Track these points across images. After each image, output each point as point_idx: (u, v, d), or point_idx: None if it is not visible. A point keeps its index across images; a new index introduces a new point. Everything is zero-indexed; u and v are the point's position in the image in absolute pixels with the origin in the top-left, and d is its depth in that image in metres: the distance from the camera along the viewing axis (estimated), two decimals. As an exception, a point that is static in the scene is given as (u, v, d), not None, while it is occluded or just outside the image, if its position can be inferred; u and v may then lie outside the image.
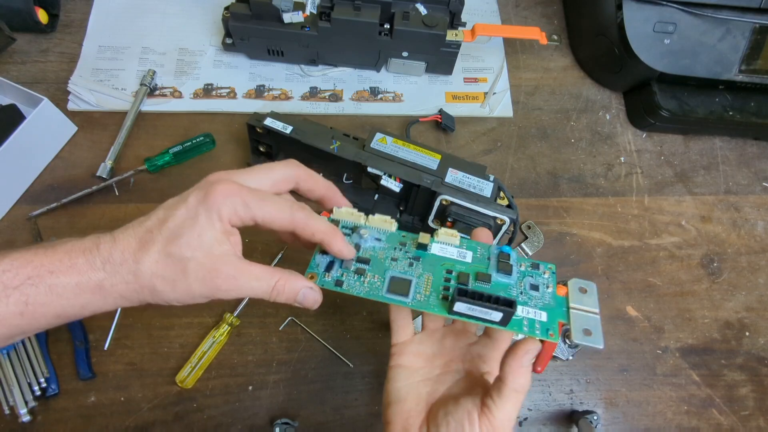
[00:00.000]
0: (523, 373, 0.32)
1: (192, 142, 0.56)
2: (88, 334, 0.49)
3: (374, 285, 0.35)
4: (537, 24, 0.70)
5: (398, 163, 0.50)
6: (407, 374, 0.36)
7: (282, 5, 0.56)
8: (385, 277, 0.35)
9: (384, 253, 0.37)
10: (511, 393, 0.32)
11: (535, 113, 0.66)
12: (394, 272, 0.35)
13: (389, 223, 0.38)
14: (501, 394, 0.32)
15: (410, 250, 0.37)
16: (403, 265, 0.36)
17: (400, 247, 0.37)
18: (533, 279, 0.35)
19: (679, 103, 0.63)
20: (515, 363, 0.32)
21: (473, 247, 0.37)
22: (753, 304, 0.58)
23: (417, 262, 0.36)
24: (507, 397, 0.32)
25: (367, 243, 0.37)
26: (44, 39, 0.63)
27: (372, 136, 0.51)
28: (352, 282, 0.35)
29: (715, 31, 0.59)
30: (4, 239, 0.53)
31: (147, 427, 0.47)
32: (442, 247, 0.37)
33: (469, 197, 0.47)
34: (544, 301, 0.34)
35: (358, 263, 0.36)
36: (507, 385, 0.32)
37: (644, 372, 0.54)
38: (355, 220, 0.38)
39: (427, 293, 0.34)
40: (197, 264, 0.30)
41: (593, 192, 0.62)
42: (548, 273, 0.36)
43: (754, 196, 0.64)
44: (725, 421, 0.53)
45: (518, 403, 0.32)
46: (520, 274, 0.36)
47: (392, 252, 0.37)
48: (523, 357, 0.32)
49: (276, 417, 0.48)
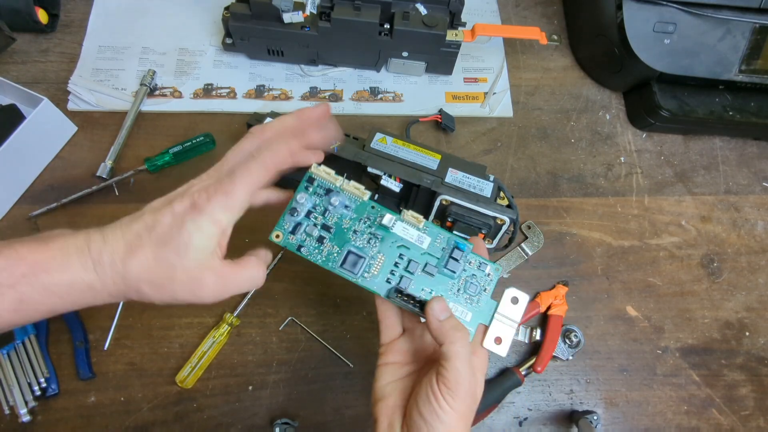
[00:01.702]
0: (445, 325, 0.34)
1: (192, 142, 0.56)
2: (88, 334, 0.49)
3: (331, 255, 0.37)
4: (537, 24, 0.70)
5: (398, 163, 0.50)
6: (392, 372, 0.37)
7: (282, 5, 0.56)
8: (343, 249, 0.38)
9: (349, 222, 0.38)
10: (449, 347, 0.33)
11: (535, 113, 0.66)
12: (352, 246, 0.38)
13: (362, 193, 0.39)
14: (442, 353, 0.33)
15: (373, 225, 0.39)
16: (362, 240, 0.38)
17: (366, 219, 0.39)
18: (474, 280, 0.38)
19: (679, 103, 0.63)
20: (432, 322, 0.34)
21: (434, 234, 0.39)
22: (753, 304, 0.58)
23: (376, 239, 0.39)
24: (448, 352, 0.33)
25: (336, 209, 0.39)
26: (44, 39, 0.63)
27: (372, 136, 0.51)
28: (311, 249, 0.38)
29: (715, 31, 0.59)
30: (4, 239, 0.52)
31: (147, 427, 0.47)
32: (404, 228, 0.39)
33: (469, 197, 0.47)
34: (475, 302, 0.38)
35: (321, 230, 0.38)
36: (441, 342, 0.34)
37: (644, 372, 0.54)
38: (331, 181, 0.39)
39: (375, 273, 0.37)
40: (183, 271, 0.31)
41: (593, 192, 0.62)
42: (491, 276, 0.38)
43: (754, 196, 0.64)
44: (725, 421, 0.53)
45: (462, 355, 0.33)
46: (464, 272, 0.38)
47: (357, 223, 0.39)
48: (433, 314, 0.34)
49: (276, 417, 0.48)
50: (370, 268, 0.38)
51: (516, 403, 0.51)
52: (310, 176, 0.39)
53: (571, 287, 0.56)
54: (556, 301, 0.54)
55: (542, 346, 0.52)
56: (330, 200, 0.39)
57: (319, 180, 0.39)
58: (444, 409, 0.32)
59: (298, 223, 0.38)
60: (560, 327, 0.53)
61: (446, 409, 0.32)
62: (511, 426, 0.51)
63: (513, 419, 0.51)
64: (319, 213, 0.39)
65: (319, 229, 0.38)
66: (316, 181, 0.39)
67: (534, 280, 0.56)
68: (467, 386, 0.33)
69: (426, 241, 0.39)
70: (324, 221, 0.38)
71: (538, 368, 0.50)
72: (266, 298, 0.52)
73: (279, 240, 0.38)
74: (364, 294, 0.38)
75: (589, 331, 0.54)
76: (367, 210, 0.39)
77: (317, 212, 0.39)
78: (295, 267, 0.54)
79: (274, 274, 0.53)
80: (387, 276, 0.38)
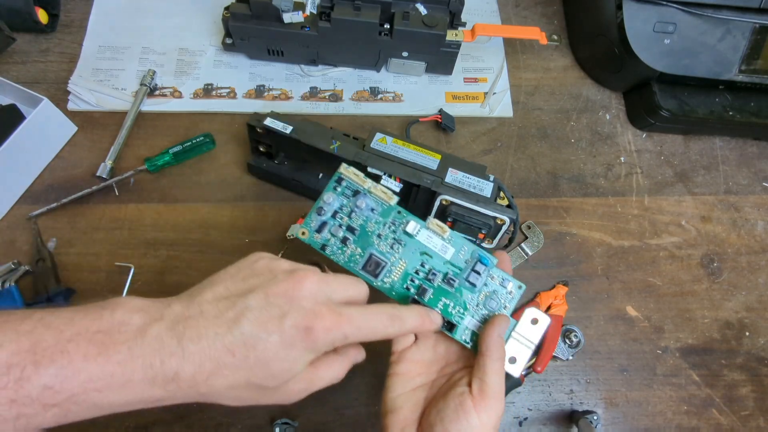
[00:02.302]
0: (500, 343, 0.35)
1: (192, 142, 0.56)
2: (88, 334, 0.49)
3: (354, 257, 0.38)
4: (537, 24, 0.70)
5: (398, 163, 0.50)
6: (404, 382, 0.37)
7: (282, 5, 0.56)
8: (365, 253, 0.38)
9: (374, 226, 0.38)
10: (494, 363, 0.34)
11: (535, 113, 0.66)
12: (374, 250, 0.38)
13: (389, 197, 0.39)
14: (484, 367, 0.34)
15: (398, 230, 0.38)
16: (385, 245, 0.38)
17: (391, 224, 0.39)
18: (495, 297, 0.38)
19: (679, 103, 0.63)
20: (492, 335, 0.35)
21: (459, 245, 0.39)
22: (753, 304, 0.58)
23: (399, 245, 0.38)
24: (491, 368, 0.34)
25: (362, 211, 0.39)
26: (44, 39, 0.63)
27: (372, 136, 0.51)
28: (335, 249, 0.38)
29: (715, 31, 0.59)
30: (4, 239, 0.53)
31: (147, 427, 0.47)
32: (429, 236, 0.39)
33: (469, 197, 0.47)
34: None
35: (346, 231, 0.38)
36: (488, 356, 0.34)
37: (644, 372, 0.54)
38: (360, 183, 0.39)
39: (395, 279, 0.37)
40: (274, 390, 0.29)
41: (593, 192, 0.62)
42: (514, 293, 0.38)
43: (754, 196, 0.64)
44: (725, 421, 0.53)
45: (501, 373, 0.34)
46: (487, 286, 0.38)
47: (381, 227, 0.38)
48: (498, 328, 0.35)
49: (276, 417, 0.48)
50: (391, 273, 0.38)
51: (516, 403, 0.51)
52: (339, 176, 0.39)
53: (571, 287, 0.56)
54: (556, 301, 0.54)
55: (542, 346, 0.52)
56: (357, 202, 0.39)
57: (348, 181, 0.39)
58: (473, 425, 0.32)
59: (324, 222, 0.38)
60: (560, 327, 0.53)
61: (475, 424, 0.32)
62: (511, 426, 0.51)
63: (513, 419, 0.51)
64: (345, 214, 0.39)
65: (344, 230, 0.38)
66: (344, 181, 0.39)
67: (534, 280, 0.56)
68: (500, 404, 0.33)
69: (449, 252, 0.39)
70: (349, 222, 0.38)
71: (538, 368, 0.50)
72: (266, 298, 0.52)
73: (305, 237, 0.37)
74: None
75: (589, 331, 0.54)
76: (392, 215, 0.39)
77: (343, 213, 0.39)
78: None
79: (274, 274, 0.53)
80: (407, 283, 0.37)
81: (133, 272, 0.52)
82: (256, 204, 0.57)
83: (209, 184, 0.57)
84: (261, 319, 0.27)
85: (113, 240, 0.53)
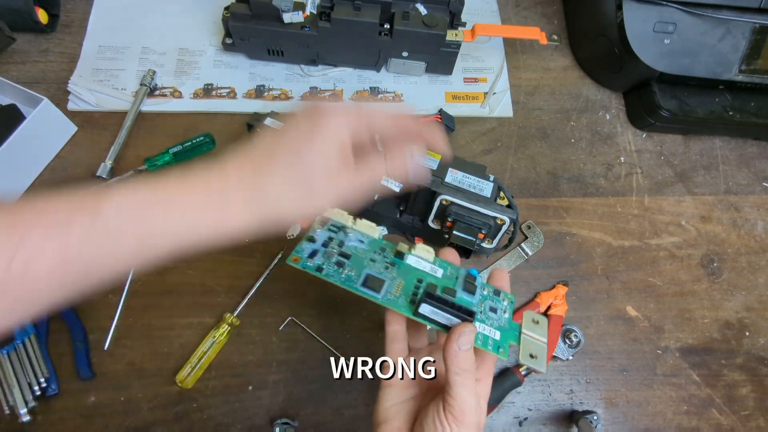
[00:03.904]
0: (461, 356, 0.33)
1: (192, 142, 0.56)
2: (88, 334, 0.49)
3: (351, 277, 0.38)
4: (537, 24, 0.70)
5: None
6: (396, 393, 0.37)
7: (282, 5, 0.56)
8: (362, 273, 0.38)
9: (364, 254, 0.40)
10: (455, 377, 0.33)
11: (535, 113, 0.66)
12: (371, 271, 0.38)
13: (373, 230, 0.41)
14: (449, 382, 0.33)
15: (388, 256, 0.40)
16: (379, 267, 0.39)
17: (380, 252, 0.40)
18: (493, 303, 0.39)
19: (679, 103, 0.63)
20: (451, 347, 0.33)
21: (444, 266, 0.40)
22: (753, 304, 0.58)
23: (393, 267, 0.39)
24: (454, 382, 0.32)
25: (351, 242, 0.40)
26: (44, 39, 0.63)
27: None
28: (330, 271, 0.38)
29: (715, 31, 0.59)
30: (4, 239, 0.53)
31: (147, 427, 0.47)
32: (417, 260, 0.40)
33: (469, 197, 0.47)
34: (500, 323, 0.38)
35: (339, 257, 0.39)
36: (450, 370, 0.33)
37: (644, 372, 0.54)
38: (344, 220, 0.41)
39: (397, 294, 0.38)
40: (320, 176, 0.31)
41: (593, 192, 0.62)
42: (507, 301, 0.39)
43: (754, 196, 0.64)
44: (725, 421, 0.53)
45: (468, 386, 0.33)
46: (482, 296, 0.39)
47: (372, 254, 0.40)
48: (457, 341, 0.33)
49: (276, 417, 0.48)
50: (392, 289, 0.38)
51: (516, 403, 0.51)
52: (322, 217, 0.41)
53: (571, 287, 0.56)
54: (556, 301, 0.54)
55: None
56: (346, 234, 0.41)
57: (333, 220, 0.41)
58: None
59: (315, 249, 0.39)
60: (560, 327, 0.53)
61: None
62: (511, 426, 0.51)
63: (513, 419, 0.51)
64: (335, 244, 0.40)
65: (337, 256, 0.39)
66: (329, 221, 0.41)
67: (534, 280, 0.56)
68: (473, 416, 0.32)
69: (439, 272, 0.40)
70: (341, 250, 0.40)
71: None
72: (266, 298, 0.52)
73: (297, 264, 0.38)
74: (364, 294, 0.38)
75: (589, 331, 0.54)
76: (380, 245, 0.41)
77: (333, 243, 0.40)
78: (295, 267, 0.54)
79: (274, 274, 0.53)
80: (410, 297, 0.37)
81: (133, 272, 0.52)
82: (256, 204, 0.57)
83: (209, 184, 0.57)
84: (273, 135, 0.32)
85: (113, 240, 0.53)
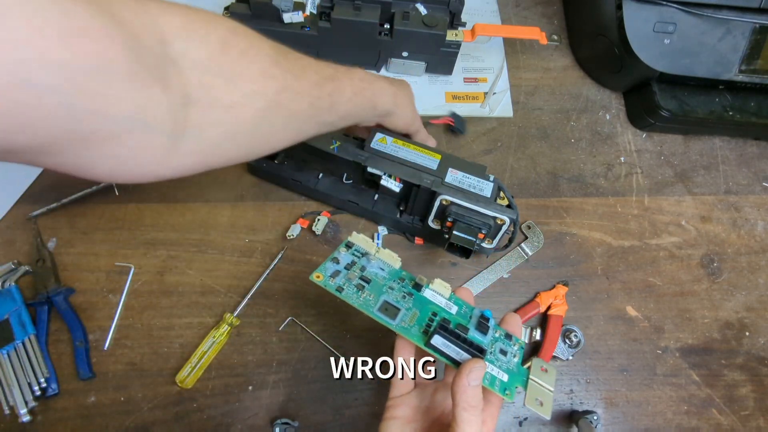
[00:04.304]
0: (470, 391, 0.33)
1: (192, 142, 0.56)
2: (88, 334, 0.49)
3: (368, 301, 0.39)
4: (537, 24, 0.70)
5: (398, 163, 0.50)
6: (398, 427, 0.37)
7: (282, 5, 0.56)
8: (379, 299, 0.39)
9: (383, 281, 0.41)
10: (462, 413, 0.32)
11: (535, 113, 0.66)
12: (388, 298, 0.39)
13: (395, 260, 0.43)
14: (456, 418, 0.32)
15: (406, 286, 0.41)
16: (396, 295, 0.40)
17: (399, 282, 0.41)
18: (504, 346, 0.39)
19: (679, 103, 0.63)
20: (461, 382, 0.33)
21: (459, 303, 0.41)
22: (753, 304, 0.58)
23: (409, 298, 0.40)
24: (461, 418, 0.32)
25: (372, 268, 0.42)
26: (44, 39, 0.63)
27: (372, 136, 0.51)
28: (350, 293, 0.39)
29: (715, 31, 0.59)
30: (4, 239, 0.53)
31: (147, 427, 0.47)
32: (433, 294, 0.41)
33: (469, 197, 0.47)
34: (509, 366, 0.38)
35: (360, 280, 0.40)
36: (458, 405, 0.32)
37: (644, 372, 0.54)
38: (368, 247, 0.43)
39: (411, 323, 0.38)
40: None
41: (593, 192, 0.62)
42: (517, 346, 0.40)
43: (754, 196, 0.64)
44: (725, 421, 0.53)
45: (475, 423, 0.32)
46: (494, 338, 0.39)
47: (391, 282, 0.41)
48: (468, 376, 0.33)
49: (276, 417, 0.48)
50: (406, 318, 0.38)
51: (516, 403, 0.51)
52: (348, 242, 0.43)
53: (571, 287, 0.56)
54: (556, 301, 0.54)
55: (542, 346, 0.52)
56: (368, 261, 0.42)
57: (357, 246, 0.43)
58: None
59: (338, 270, 0.40)
60: (560, 327, 0.53)
61: None
62: (511, 426, 0.51)
63: (513, 419, 0.51)
64: (357, 268, 0.41)
65: (358, 279, 0.40)
66: (354, 246, 0.43)
67: (534, 280, 0.56)
68: None
69: (454, 308, 0.40)
70: (362, 274, 0.40)
71: (538, 368, 0.50)
72: (266, 298, 0.52)
73: (319, 281, 0.39)
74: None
75: (589, 331, 0.54)
76: (399, 275, 0.42)
77: (356, 267, 0.41)
78: (295, 267, 0.54)
79: (274, 274, 0.53)
80: (423, 328, 0.38)
81: (133, 272, 0.52)
82: (255, 204, 0.57)
83: (209, 183, 0.57)
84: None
85: (113, 240, 0.53)
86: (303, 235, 0.55)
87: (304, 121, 0.39)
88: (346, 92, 0.41)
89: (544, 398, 0.36)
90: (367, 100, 0.44)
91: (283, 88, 0.35)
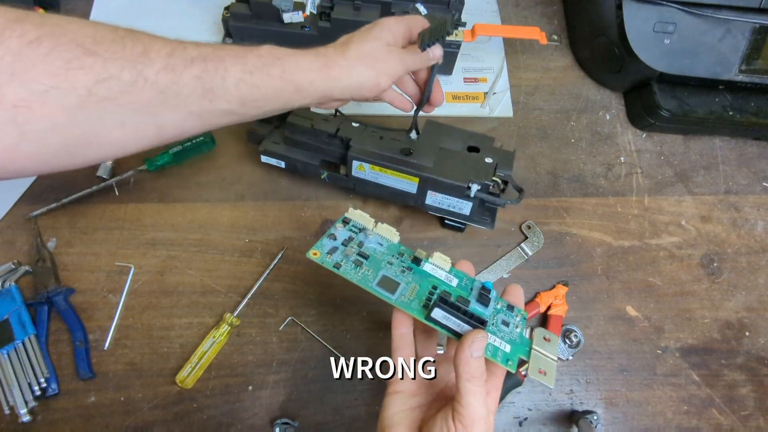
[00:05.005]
0: (473, 362, 0.33)
1: (192, 141, 0.56)
2: (88, 334, 0.49)
3: (367, 276, 0.38)
4: (537, 24, 0.70)
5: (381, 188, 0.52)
6: (402, 400, 0.37)
7: (282, 5, 0.56)
8: (378, 274, 0.39)
9: (382, 257, 0.40)
10: (465, 384, 0.32)
11: (535, 113, 0.66)
12: (387, 272, 0.39)
13: (393, 234, 0.42)
14: (459, 389, 0.32)
15: (405, 261, 0.41)
16: (396, 270, 0.39)
17: (398, 256, 0.41)
18: (506, 317, 0.39)
19: (679, 103, 0.63)
20: (463, 354, 0.33)
21: (460, 276, 0.41)
22: (753, 304, 0.58)
23: (408, 272, 0.40)
24: (465, 389, 0.32)
25: (370, 243, 0.41)
26: (44, 39, 0.63)
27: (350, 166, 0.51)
28: (348, 269, 0.39)
29: (715, 31, 0.59)
30: (4, 239, 0.53)
31: (147, 427, 0.47)
32: (433, 268, 0.41)
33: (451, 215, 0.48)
34: (511, 336, 0.38)
35: (357, 256, 0.39)
36: (461, 377, 0.32)
37: (644, 372, 0.54)
38: (366, 223, 0.43)
39: (411, 297, 0.37)
40: (379, 53, 0.42)
41: (593, 192, 0.62)
42: (519, 317, 0.40)
43: (754, 196, 0.64)
44: (725, 421, 0.53)
45: (479, 394, 0.32)
46: (496, 310, 0.39)
47: (389, 257, 0.41)
48: (470, 347, 0.33)
49: (276, 417, 0.48)
50: (406, 292, 0.38)
51: (516, 403, 0.51)
52: (345, 218, 0.43)
53: (571, 287, 0.56)
54: (556, 301, 0.54)
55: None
56: (366, 236, 0.41)
57: (354, 221, 0.43)
58: None
59: (335, 247, 0.40)
60: (560, 327, 0.53)
61: None
62: (511, 426, 0.51)
63: (513, 419, 0.51)
64: (355, 244, 0.41)
65: (356, 255, 0.40)
66: (351, 221, 0.42)
67: (534, 280, 0.56)
68: (482, 425, 0.32)
69: (454, 281, 0.40)
70: (360, 250, 0.40)
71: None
72: (266, 298, 0.52)
73: (316, 258, 0.39)
74: (364, 294, 0.38)
75: (589, 331, 0.54)
76: (398, 249, 0.42)
77: (353, 243, 0.41)
78: (295, 267, 0.54)
79: (274, 274, 0.53)
80: (423, 302, 0.37)
81: (133, 272, 0.52)
82: (255, 204, 0.57)
83: (209, 183, 0.57)
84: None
85: (113, 240, 0.53)
86: (303, 235, 0.55)
87: (159, 112, 0.34)
88: (231, 73, 0.36)
89: (547, 368, 0.36)
90: (276, 79, 0.38)
91: (102, 78, 0.31)
